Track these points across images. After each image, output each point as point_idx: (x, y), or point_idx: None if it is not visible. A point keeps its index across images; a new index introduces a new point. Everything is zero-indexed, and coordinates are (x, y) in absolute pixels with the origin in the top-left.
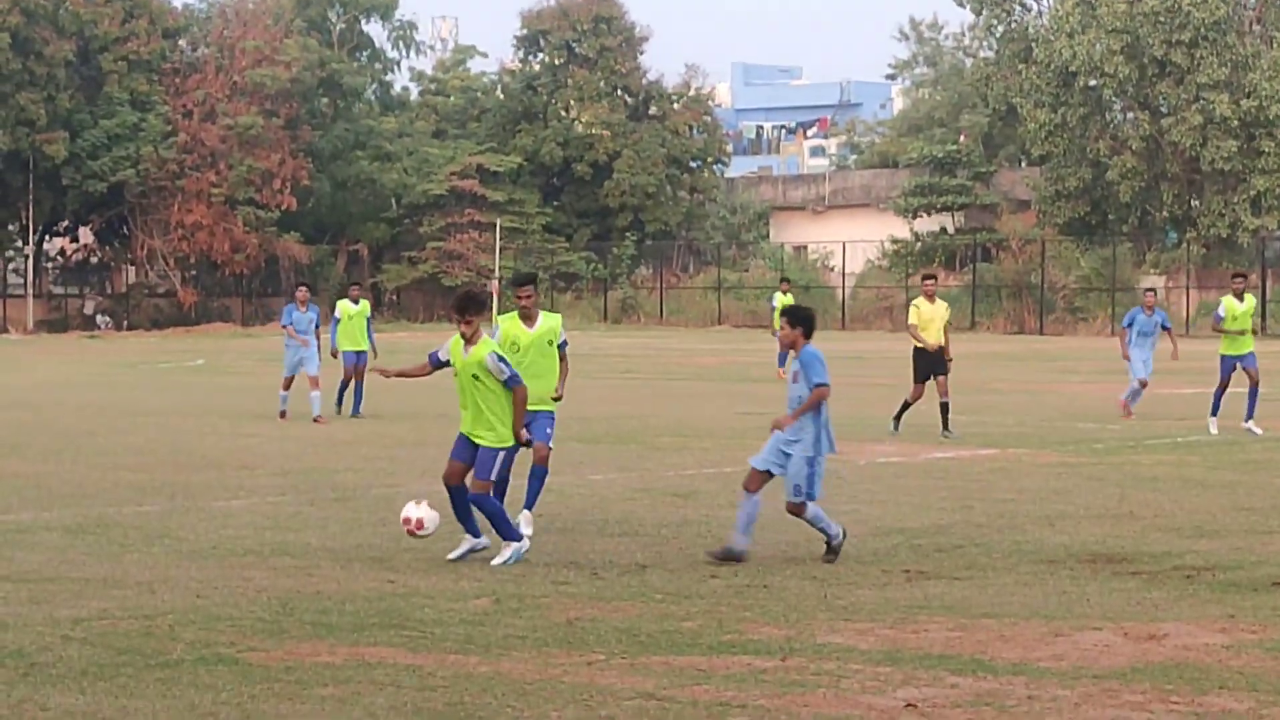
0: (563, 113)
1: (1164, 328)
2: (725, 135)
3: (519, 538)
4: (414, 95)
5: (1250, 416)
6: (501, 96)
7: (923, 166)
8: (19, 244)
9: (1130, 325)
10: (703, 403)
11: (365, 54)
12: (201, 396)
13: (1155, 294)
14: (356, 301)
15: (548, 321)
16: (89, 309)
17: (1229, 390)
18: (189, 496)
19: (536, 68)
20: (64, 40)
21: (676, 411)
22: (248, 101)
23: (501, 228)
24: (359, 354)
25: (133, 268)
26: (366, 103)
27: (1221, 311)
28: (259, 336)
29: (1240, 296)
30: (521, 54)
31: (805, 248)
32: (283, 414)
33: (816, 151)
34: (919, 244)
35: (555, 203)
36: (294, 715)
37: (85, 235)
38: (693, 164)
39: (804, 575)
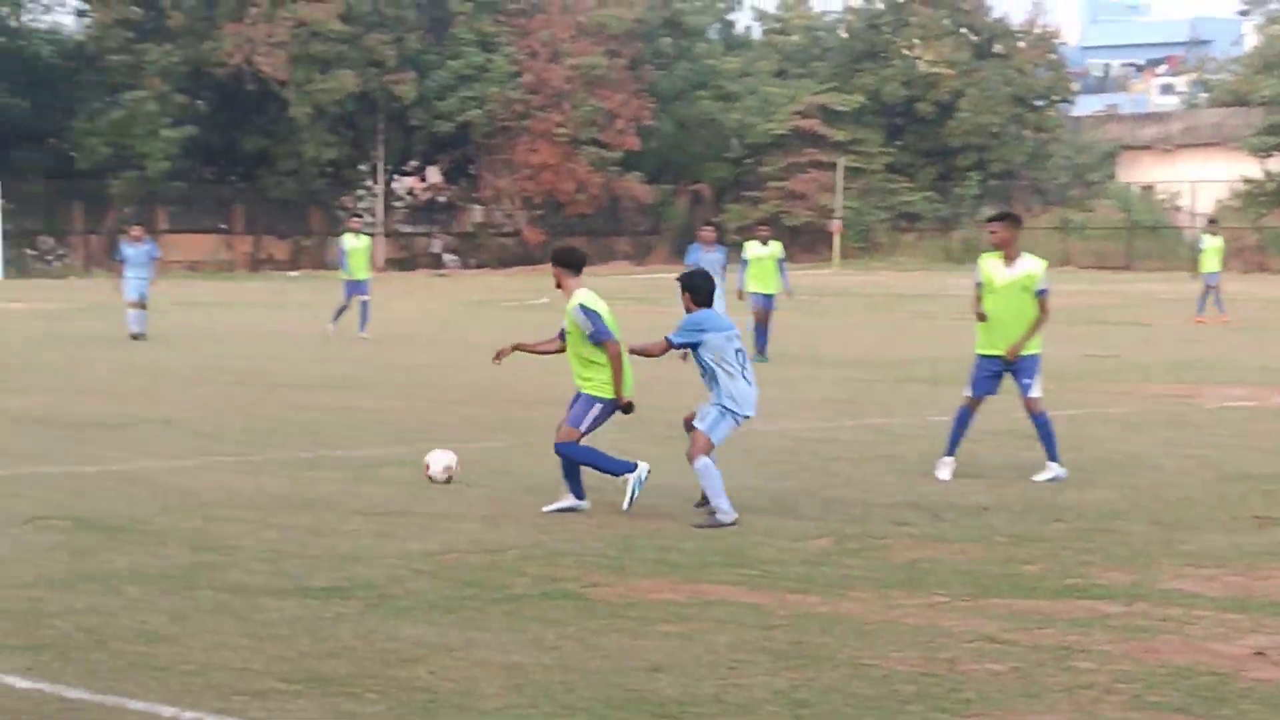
0: (905, 51)
1: None
2: (1071, 73)
3: (632, 467)
4: (757, 34)
5: None
6: (844, 35)
7: (1276, 105)
8: (369, 183)
9: None
10: (1047, 344)
11: None
12: (545, 334)
13: None
14: (765, 243)
15: (1026, 266)
16: (436, 247)
17: None
18: (532, 433)
19: (880, 6)
20: None
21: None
22: (592, 42)
23: (843, 167)
24: (768, 296)
25: (479, 207)
26: (709, 42)
27: None
28: (602, 275)
29: None
30: None
31: (1153, 187)
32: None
33: (1165, 89)
34: (1272, 184)
35: (897, 142)
36: (636, 651)
37: (433, 175)
38: (1037, 102)
39: (1148, 520)
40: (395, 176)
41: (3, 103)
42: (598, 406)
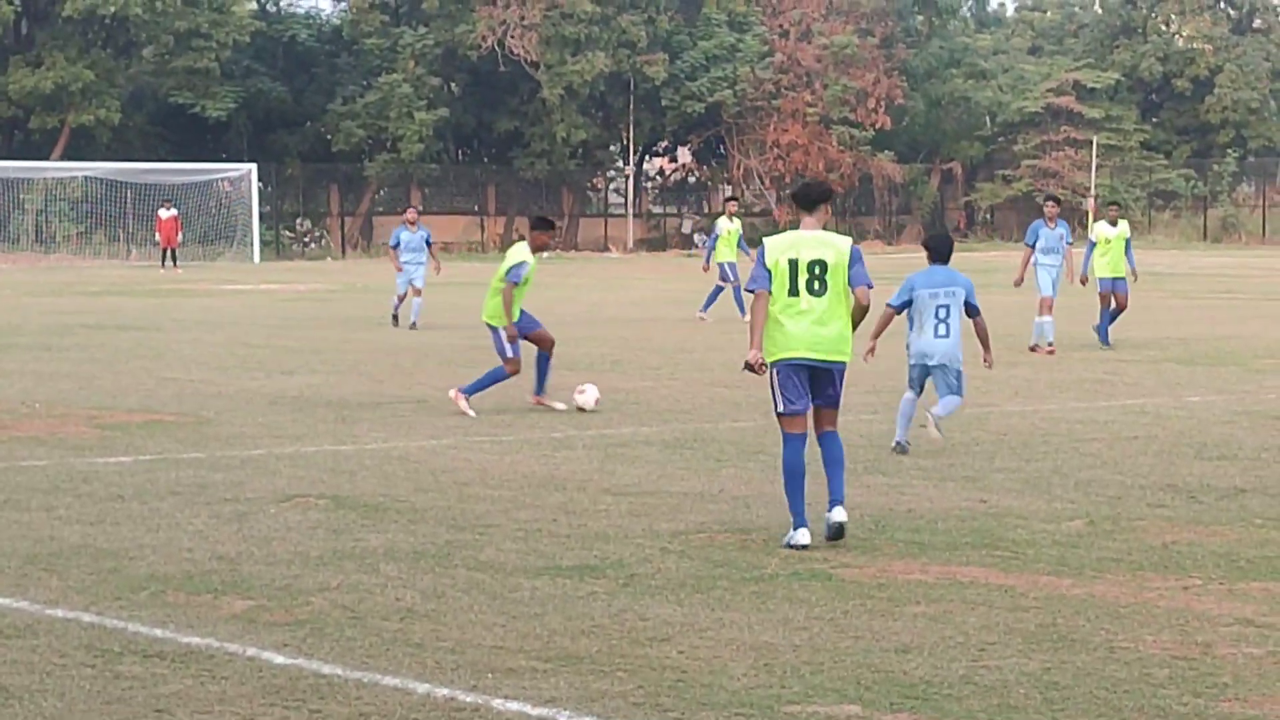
0: (1163, 27)
1: None
2: None
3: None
4: (1010, 11)
5: None
6: (1100, 11)
7: None
8: (620, 164)
9: None
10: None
11: None
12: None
13: None
14: (1114, 223)
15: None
16: (687, 228)
17: None
18: None
19: None
20: None
21: (1278, 333)
22: (843, 20)
23: (1098, 145)
24: (1116, 280)
25: (729, 187)
26: (962, 20)
27: None
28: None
29: None
30: None
31: None
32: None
33: None
34: None
35: (1154, 119)
36: (887, 631)
37: (683, 155)
38: None
39: None
40: (646, 157)
41: (262, 87)
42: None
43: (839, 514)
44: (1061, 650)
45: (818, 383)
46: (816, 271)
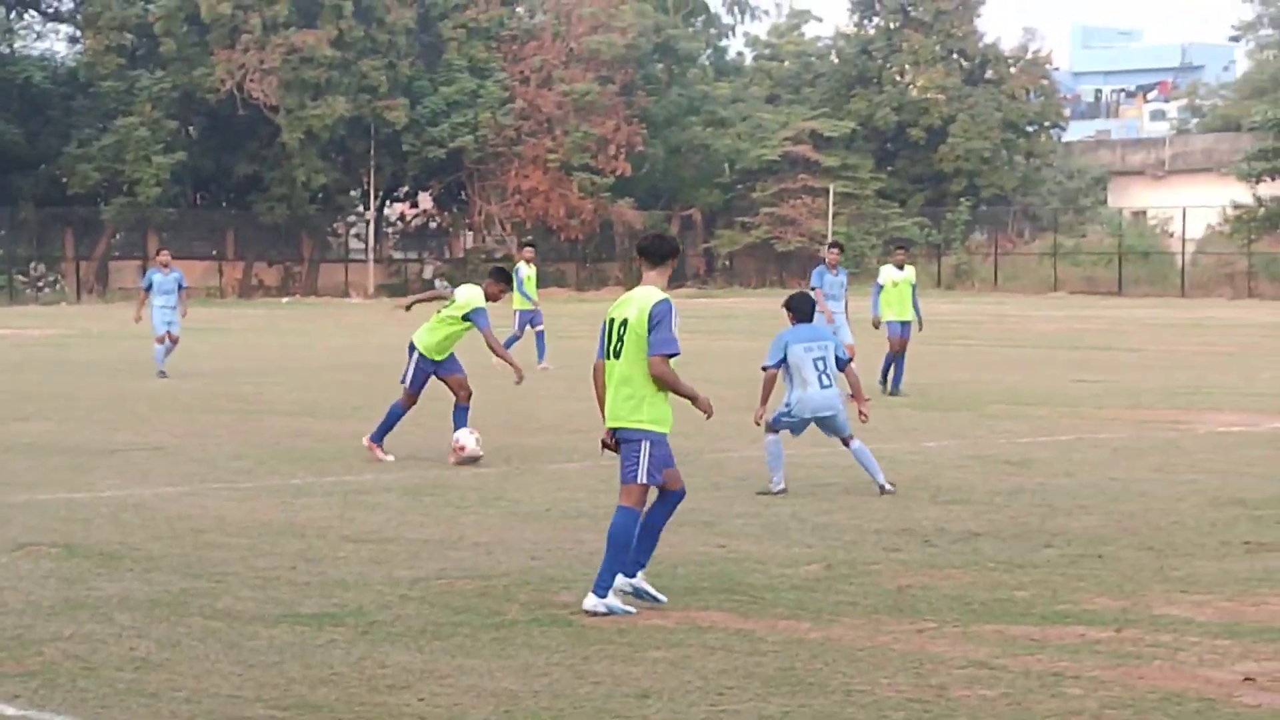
0: (897, 77)
1: None
2: (1062, 99)
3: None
4: (748, 60)
5: None
6: (836, 61)
7: (1267, 130)
8: (360, 209)
9: None
10: (1037, 370)
11: (700, 19)
12: (536, 360)
13: None
14: (901, 267)
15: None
16: (428, 273)
17: None
18: (524, 459)
19: (871, 32)
20: (405, 8)
21: (1010, 378)
22: (584, 68)
23: (834, 193)
24: (904, 324)
25: (470, 233)
26: (701, 68)
27: None
28: (594, 301)
29: None
30: (857, 18)
31: (1144, 213)
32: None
33: (1156, 115)
34: (1262, 209)
35: (889, 168)
36: (626, 677)
37: (424, 200)
38: (1029, 128)
39: (1139, 546)
40: (387, 202)
41: None
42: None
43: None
44: (799, 694)
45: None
46: (621, 332)
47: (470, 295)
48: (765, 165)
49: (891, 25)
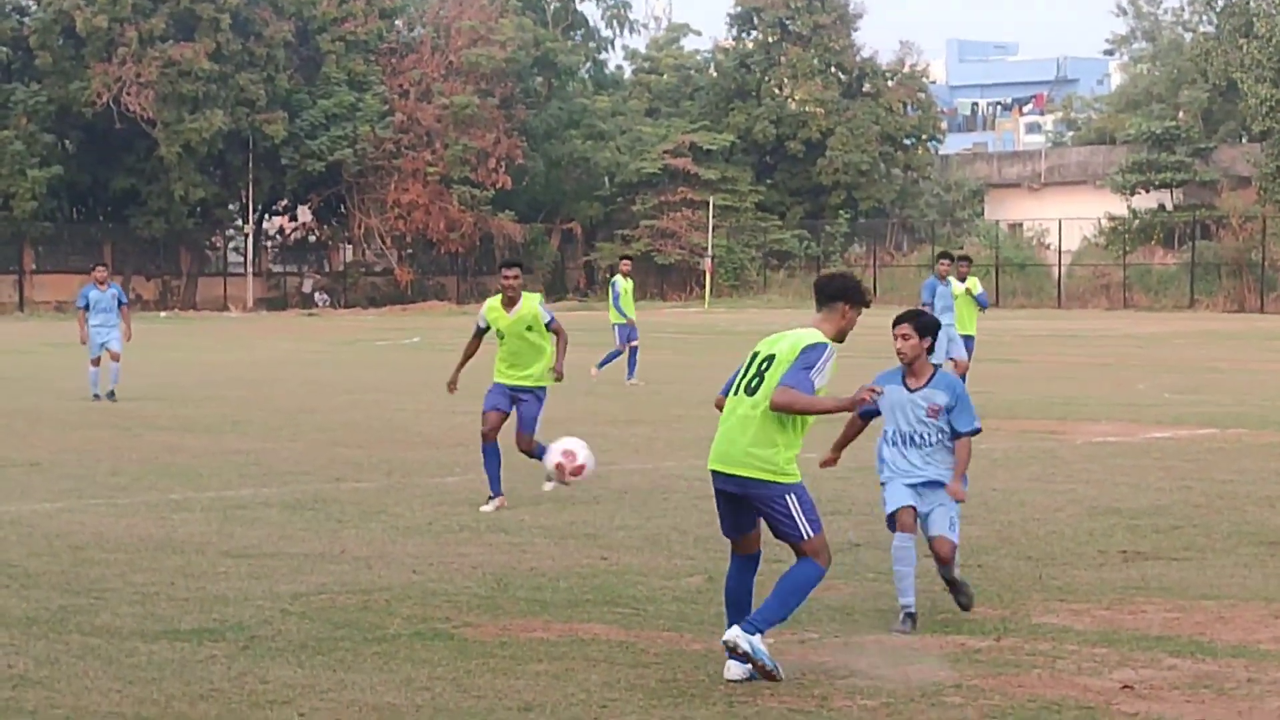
0: (776, 90)
1: None
2: (940, 112)
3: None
4: (628, 74)
5: None
6: (715, 74)
7: (1141, 143)
8: (239, 223)
9: None
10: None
11: (579, 33)
12: (417, 374)
13: None
14: (963, 279)
15: (527, 305)
16: (307, 287)
17: None
18: (405, 473)
19: (750, 45)
20: (283, 21)
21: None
22: (463, 81)
23: (714, 206)
24: (967, 339)
25: (350, 246)
26: (580, 81)
27: None
28: (474, 315)
29: None
30: (735, 32)
31: (1021, 225)
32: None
33: (1033, 128)
34: (1136, 221)
35: (768, 180)
36: (509, 690)
37: (304, 214)
38: (907, 141)
39: (1018, 555)
40: (266, 216)
41: None
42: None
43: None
44: (683, 705)
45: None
46: (763, 368)
47: (536, 302)
48: (645, 178)
49: (770, 39)
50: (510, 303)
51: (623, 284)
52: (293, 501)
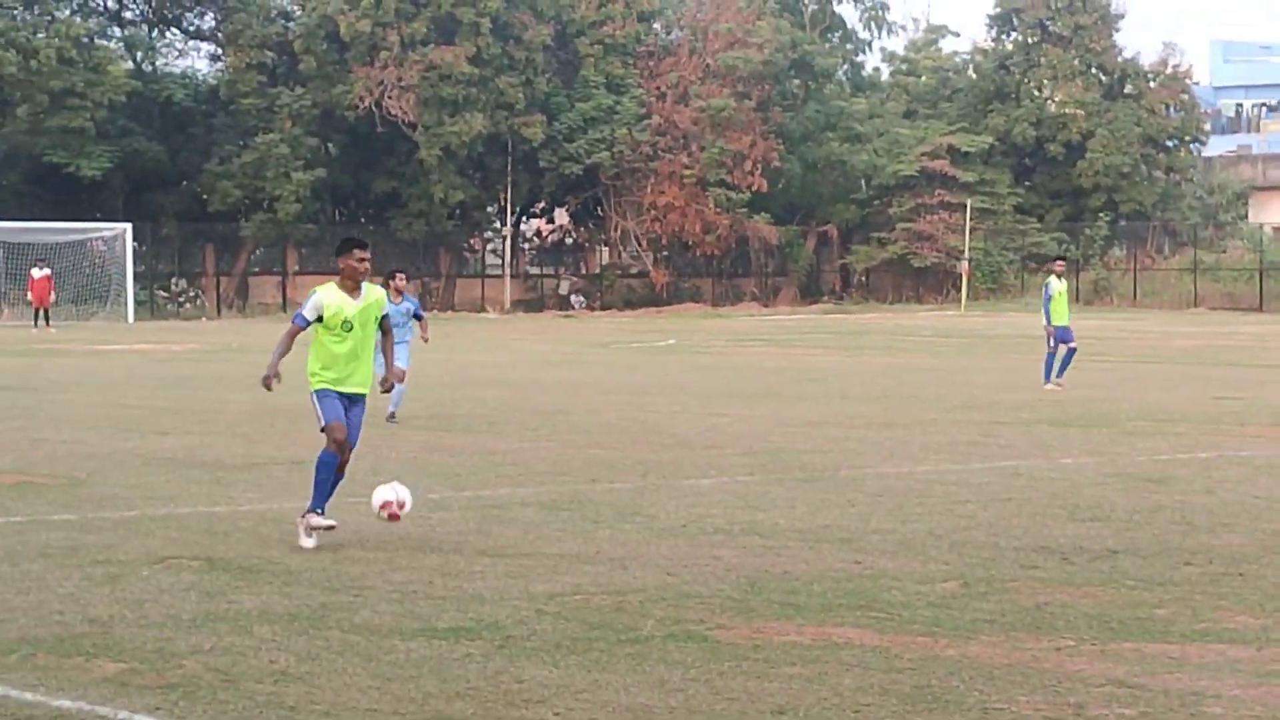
0: (1035, 92)
1: None
2: (1203, 113)
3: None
4: (885, 76)
5: None
6: (974, 76)
7: None
8: (498, 225)
9: None
10: (1177, 386)
11: (837, 35)
12: (672, 375)
13: None
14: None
15: (372, 293)
16: (564, 289)
17: None
18: (659, 474)
19: (1009, 46)
20: (542, 24)
21: (1150, 395)
22: (720, 84)
23: (972, 208)
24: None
25: (606, 248)
26: (838, 84)
27: None
28: (730, 316)
29: None
30: (994, 33)
31: None
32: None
33: None
34: None
35: (1027, 183)
36: (762, 693)
37: (561, 216)
38: (1169, 143)
39: None
40: (523, 218)
41: (138, 146)
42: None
43: None
44: (936, 711)
45: None
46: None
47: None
48: (902, 180)
49: (1030, 40)
50: (356, 289)
51: (1056, 286)
52: (549, 502)
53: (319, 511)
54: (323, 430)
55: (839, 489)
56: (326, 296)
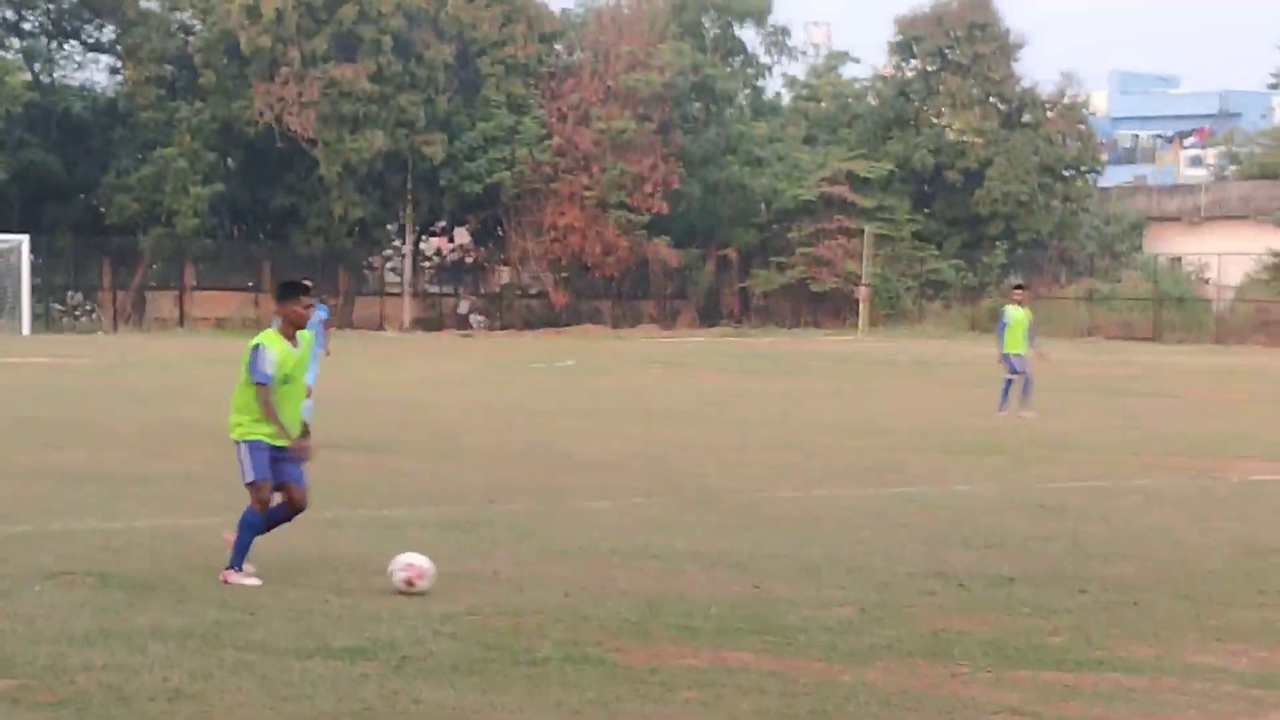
0: (934, 119)
1: None
2: (1100, 144)
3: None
4: (786, 100)
5: None
6: (874, 102)
7: None
8: (397, 243)
9: None
10: (1071, 415)
11: (739, 59)
12: (571, 397)
13: None
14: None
15: (304, 338)
16: (463, 308)
17: None
18: (557, 496)
19: (909, 74)
20: (444, 43)
21: (1046, 423)
22: (621, 105)
23: (870, 234)
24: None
25: (506, 268)
26: (738, 108)
27: None
28: (629, 339)
29: None
30: (895, 60)
31: (1180, 259)
32: None
33: (1194, 162)
34: None
35: (925, 210)
36: (659, 717)
37: (461, 235)
38: (1066, 172)
39: (1175, 594)
40: (423, 237)
41: (34, 158)
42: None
43: None
44: None
45: None
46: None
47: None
48: (802, 205)
49: (929, 68)
50: (293, 336)
51: (1012, 313)
52: (446, 522)
53: (238, 569)
54: (248, 485)
55: (737, 513)
56: (275, 352)
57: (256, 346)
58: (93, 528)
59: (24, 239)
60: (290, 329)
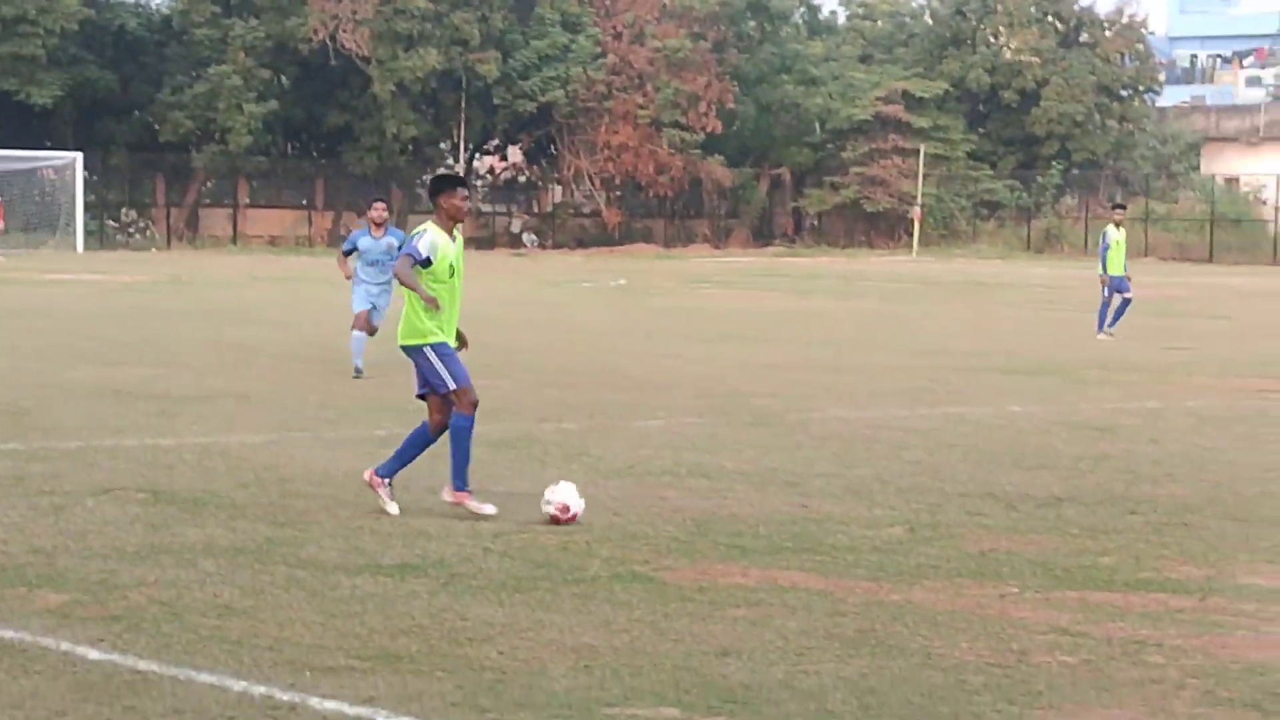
0: (991, 39)
1: None
2: (1158, 63)
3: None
4: (842, 19)
5: None
6: (930, 22)
7: None
8: (450, 161)
9: None
10: (1127, 336)
11: None
12: (623, 316)
13: None
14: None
15: (459, 236)
16: (516, 227)
17: None
18: (608, 415)
19: None
20: None
21: (1099, 345)
22: (676, 24)
23: (925, 154)
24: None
25: (559, 187)
26: (794, 26)
27: None
28: (681, 258)
29: None
30: None
31: (1237, 180)
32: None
33: (1253, 82)
34: None
35: (980, 130)
36: (706, 635)
37: (514, 154)
38: (1123, 92)
39: (1224, 515)
40: (476, 155)
41: (89, 75)
42: None
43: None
44: (879, 656)
45: None
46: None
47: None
48: (856, 125)
49: None
50: (450, 231)
51: (1114, 235)
52: (498, 440)
53: (465, 488)
54: (452, 394)
55: (787, 432)
56: (439, 237)
57: (418, 231)
58: (145, 444)
59: (78, 156)
60: (449, 222)
